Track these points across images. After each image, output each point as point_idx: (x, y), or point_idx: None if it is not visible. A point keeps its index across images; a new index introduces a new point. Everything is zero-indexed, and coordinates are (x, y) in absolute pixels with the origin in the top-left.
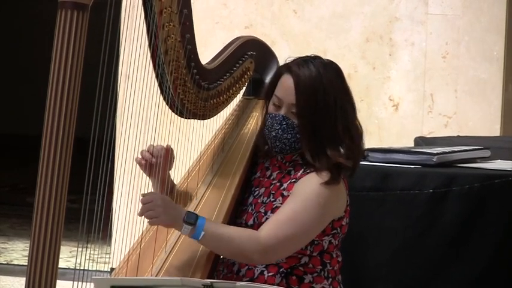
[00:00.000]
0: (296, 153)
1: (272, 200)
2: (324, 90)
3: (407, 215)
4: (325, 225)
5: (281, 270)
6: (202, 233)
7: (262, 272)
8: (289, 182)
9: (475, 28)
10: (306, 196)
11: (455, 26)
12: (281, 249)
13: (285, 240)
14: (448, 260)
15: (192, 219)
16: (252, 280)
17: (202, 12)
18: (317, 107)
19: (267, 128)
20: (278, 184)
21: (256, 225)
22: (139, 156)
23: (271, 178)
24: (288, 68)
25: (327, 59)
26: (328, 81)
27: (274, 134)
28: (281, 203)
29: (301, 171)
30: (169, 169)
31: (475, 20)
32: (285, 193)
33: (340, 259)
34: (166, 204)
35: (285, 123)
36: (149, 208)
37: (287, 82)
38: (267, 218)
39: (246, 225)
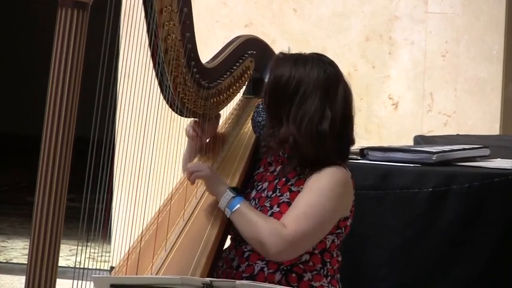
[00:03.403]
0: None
1: (278, 194)
2: (289, 76)
3: (407, 213)
4: (336, 220)
5: (281, 267)
6: (238, 205)
7: (262, 269)
8: (296, 178)
9: (475, 27)
10: (320, 190)
11: (455, 24)
12: (300, 246)
13: (303, 237)
14: (448, 259)
15: (236, 190)
16: (251, 276)
17: (202, 11)
18: (277, 90)
19: None
20: (284, 179)
21: None
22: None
23: (275, 173)
24: (276, 56)
25: (328, 59)
26: (300, 71)
27: (251, 117)
28: (288, 198)
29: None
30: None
31: (475, 19)
32: (293, 188)
33: (340, 259)
34: (213, 171)
35: (261, 107)
36: (197, 168)
37: (269, 68)
38: (272, 212)
39: None
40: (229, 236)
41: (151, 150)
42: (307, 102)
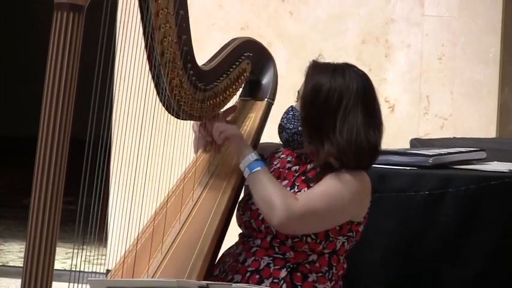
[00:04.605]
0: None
1: (297, 190)
2: (329, 88)
3: (403, 216)
4: (348, 217)
5: (287, 264)
6: (258, 168)
7: (268, 265)
8: (316, 176)
9: (471, 30)
10: (343, 180)
11: (452, 27)
12: (304, 222)
13: (310, 214)
14: (444, 262)
15: (259, 155)
16: (257, 270)
17: (198, 14)
18: (317, 101)
19: None
20: (303, 177)
21: None
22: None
23: (294, 170)
24: (311, 63)
25: (361, 70)
26: (339, 82)
27: (280, 123)
28: None
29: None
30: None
31: (471, 22)
32: (312, 185)
33: (345, 266)
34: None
35: (291, 113)
36: (225, 127)
37: (305, 75)
38: None
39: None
40: (238, 233)
41: (147, 153)
42: (351, 115)
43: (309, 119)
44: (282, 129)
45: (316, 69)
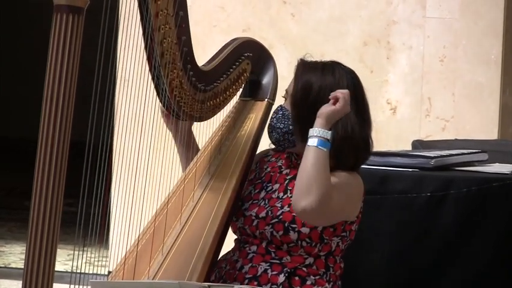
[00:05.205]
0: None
1: (290, 196)
2: (320, 86)
3: (405, 218)
4: (348, 211)
5: (285, 269)
6: (324, 149)
7: (265, 271)
8: None
9: (473, 31)
10: (344, 175)
11: (453, 29)
12: (322, 219)
13: (330, 214)
14: (446, 264)
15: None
16: (254, 277)
17: (199, 16)
18: (308, 99)
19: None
20: (295, 181)
21: (269, 218)
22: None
23: (285, 173)
24: (300, 62)
25: (348, 68)
26: (329, 80)
27: (269, 123)
28: None
29: None
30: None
31: (473, 24)
32: None
33: (342, 266)
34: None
35: (281, 113)
36: (345, 100)
37: (294, 74)
38: (282, 212)
39: (257, 218)
40: (233, 238)
41: (148, 153)
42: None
43: (301, 117)
44: (272, 129)
45: (305, 68)
